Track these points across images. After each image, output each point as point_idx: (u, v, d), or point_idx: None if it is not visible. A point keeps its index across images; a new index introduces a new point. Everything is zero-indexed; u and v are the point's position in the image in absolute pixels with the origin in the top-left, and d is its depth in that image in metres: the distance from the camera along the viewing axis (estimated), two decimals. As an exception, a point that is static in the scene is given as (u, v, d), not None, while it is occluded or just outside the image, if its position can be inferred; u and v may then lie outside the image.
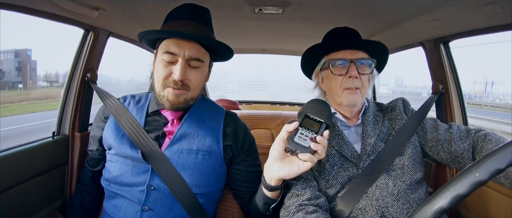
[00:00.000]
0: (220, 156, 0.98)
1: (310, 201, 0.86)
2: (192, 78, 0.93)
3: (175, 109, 0.95)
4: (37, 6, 1.02)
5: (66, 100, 1.32)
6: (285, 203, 0.88)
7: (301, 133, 0.78)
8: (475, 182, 0.49)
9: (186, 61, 0.91)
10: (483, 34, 1.15)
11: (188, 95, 0.94)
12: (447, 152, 0.95)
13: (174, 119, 0.99)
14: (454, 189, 0.50)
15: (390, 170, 0.91)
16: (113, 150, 0.98)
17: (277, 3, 1.27)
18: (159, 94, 0.94)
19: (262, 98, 3.94)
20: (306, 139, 0.77)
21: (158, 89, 0.94)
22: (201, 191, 0.95)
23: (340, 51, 0.99)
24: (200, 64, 0.94)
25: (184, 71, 0.90)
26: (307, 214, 0.81)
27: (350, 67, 0.96)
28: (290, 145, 0.77)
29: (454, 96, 1.35)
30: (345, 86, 0.97)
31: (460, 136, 0.95)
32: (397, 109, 1.04)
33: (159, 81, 0.93)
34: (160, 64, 0.92)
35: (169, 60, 0.91)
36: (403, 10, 1.22)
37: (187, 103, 0.96)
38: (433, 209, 0.51)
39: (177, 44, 0.90)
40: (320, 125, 0.79)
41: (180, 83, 0.90)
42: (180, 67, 0.89)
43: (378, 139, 0.97)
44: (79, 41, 1.31)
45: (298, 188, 0.89)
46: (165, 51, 0.91)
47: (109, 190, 0.98)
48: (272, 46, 2.46)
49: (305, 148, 0.76)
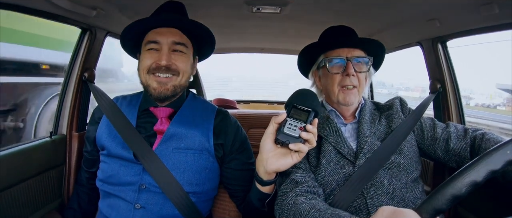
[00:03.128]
0: (211, 154, 0.98)
1: (310, 188, 0.86)
2: (179, 62, 0.95)
3: (162, 98, 0.96)
4: (35, 6, 1.02)
5: (64, 100, 1.31)
6: (282, 190, 0.88)
7: (290, 124, 0.77)
8: (508, 160, 0.51)
9: (170, 47, 0.94)
10: (481, 34, 1.16)
11: (176, 82, 0.96)
12: (444, 151, 0.95)
13: (163, 117, 0.99)
14: (486, 163, 0.52)
15: (386, 169, 0.91)
16: (105, 151, 0.99)
17: (275, 2, 1.27)
18: (145, 84, 0.96)
19: (260, 97, 3.93)
20: (296, 129, 0.76)
21: (144, 79, 0.96)
22: (193, 190, 0.95)
23: (337, 49, 1.00)
24: (184, 48, 0.96)
25: (169, 56, 0.93)
26: (307, 199, 0.80)
27: (347, 65, 0.96)
28: (280, 136, 0.77)
29: (452, 96, 1.35)
30: (342, 84, 0.97)
31: (457, 134, 0.95)
32: (394, 108, 1.04)
33: (144, 71, 0.95)
34: (145, 56, 0.95)
35: (152, 47, 0.94)
36: (400, 9, 1.22)
37: (174, 91, 0.96)
38: (465, 182, 0.52)
39: (159, 33, 0.94)
40: (308, 113, 0.79)
41: (166, 68, 0.92)
42: (164, 53, 0.92)
43: (375, 137, 0.97)
44: (76, 41, 1.31)
45: (297, 176, 0.89)
46: (148, 41, 0.94)
47: (103, 190, 0.98)
48: (270, 45, 2.46)
49: (295, 138, 0.76)
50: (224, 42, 2.27)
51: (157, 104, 1.01)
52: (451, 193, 0.52)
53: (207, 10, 1.37)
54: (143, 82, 0.97)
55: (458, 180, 0.53)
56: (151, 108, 1.01)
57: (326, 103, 1.07)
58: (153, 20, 0.95)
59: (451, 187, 0.53)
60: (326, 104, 1.07)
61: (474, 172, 0.52)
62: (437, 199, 0.53)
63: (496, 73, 45.98)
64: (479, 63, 40.68)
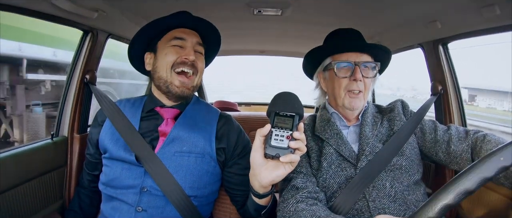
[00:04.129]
0: (213, 158, 0.98)
1: (311, 193, 0.85)
2: (199, 62, 0.99)
3: (180, 97, 0.99)
4: (36, 7, 1.02)
5: (65, 102, 1.31)
6: (284, 196, 0.87)
7: (276, 134, 0.73)
8: (500, 167, 0.51)
9: (193, 46, 0.98)
10: (482, 35, 1.16)
11: (194, 82, 1.00)
12: (445, 153, 0.95)
13: (169, 118, 1.00)
14: (479, 171, 0.51)
15: (388, 171, 0.91)
16: (108, 154, 0.98)
17: (276, 4, 1.27)
18: (167, 81, 0.96)
19: (261, 100, 3.92)
20: (283, 139, 0.72)
21: (166, 75, 0.96)
22: (194, 193, 0.95)
23: (345, 53, 0.99)
24: (203, 50, 1.02)
25: (194, 54, 0.96)
26: (307, 206, 0.79)
27: (354, 70, 0.96)
28: (268, 150, 0.72)
29: (453, 98, 1.35)
30: (349, 88, 0.97)
31: (458, 136, 0.94)
32: (396, 110, 1.03)
33: (168, 66, 0.96)
34: (169, 50, 0.96)
35: (178, 44, 0.97)
36: (402, 11, 1.22)
37: (190, 94, 1.00)
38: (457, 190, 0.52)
39: (184, 32, 0.99)
40: (293, 119, 0.74)
41: (191, 64, 0.96)
42: (190, 49, 0.97)
43: (376, 140, 0.97)
44: (78, 42, 1.31)
45: (298, 181, 0.88)
46: (173, 37, 0.97)
47: (106, 194, 0.98)
48: (271, 47, 2.46)
49: (284, 149, 0.71)
50: (224, 44, 2.26)
51: (163, 105, 1.01)
52: (444, 203, 0.52)
53: (208, 12, 1.37)
54: (164, 78, 0.96)
55: (450, 189, 0.52)
56: (157, 108, 1.01)
57: (328, 105, 1.07)
58: (184, 18, 0.99)
59: (444, 197, 0.52)
60: (329, 107, 1.06)
61: (466, 181, 0.52)
62: (430, 208, 0.53)
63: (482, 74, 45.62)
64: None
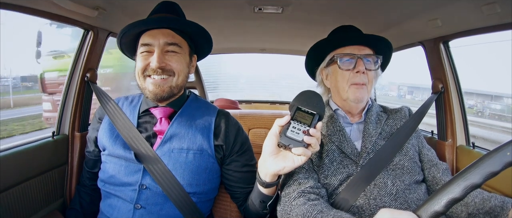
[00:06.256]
0: (211, 154, 0.98)
1: (313, 189, 0.86)
2: (173, 63, 0.95)
3: (159, 99, 0.96)
4: (37, 6, 1.02)
5: (66, 100, 1.32)
6: (286, 190, 0.87)
7: (293, 127, 0.75)
8: (506, 162, 0.51)
9: (162, 48, 0.93)
10: (483, 34, 1.15)
11: (172, 82, 0.96)
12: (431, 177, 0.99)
13: (162, 118, 0.99)
14: (486, 166, 0.52)
15: (390, 169, 0.91)
16: (107, 151, 0.99)
17: (277, 2, 1.27)
18: (142, 87, 0.96)
19: (262, 98, 3.92)
20: (299, 133, 0.74)
21: (140, 82, 0.96)
22: (193, 190, 0.95)
23: (348, 46, 1.00)
24: (177, 49, 0.96)
25: (161, 58, 0.92)
26: (309, 201, 0.80)
27: (357, 63, 0.97)
28: (282, 140, 0.75)
29: (454, 96, 1.35)
30: (352, 81, 0.97)
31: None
32: (402, 112, 1.05)
33: (139, 74, 0.95)
34: (139, 58, 0.95)
35: (146, 50, 0.94)
36: (402, 9, 1.22)
37: (171, 92, 0.96)
38: (463, 185, 0.52)
39: (150, 35, 0.94)
40: (313, 116, 0.77)
41: (160, 70, 0.92)
42: (156, 54, 0.92)
43: (380, 138, 0.97)
44: (79, 41, 1.31)
45: (300, 176, 0.89)
46: (141, 44, 0.94)
47: (105, 191, 0.98)
48: (271, 45, 2.45)
49: (298, 142, 0.74)
50: (225, 42, 2.27)
51: (157, 105, 1.01)
52: (450, 196, 0.52)
53: (209, 10, 1.37)
54: (140, 85, 0.97)
55: (456, 183, 0.52)
56: (150, 109, 1.01)
57: (332, 102, 1.07)
58: (141, 23, 0.94)
59: (450, 190, 0.52)
60: (332, 104, 1.07)
61: (473, 175, 0.52)
62: (436, 201, 0.53)
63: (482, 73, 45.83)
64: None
